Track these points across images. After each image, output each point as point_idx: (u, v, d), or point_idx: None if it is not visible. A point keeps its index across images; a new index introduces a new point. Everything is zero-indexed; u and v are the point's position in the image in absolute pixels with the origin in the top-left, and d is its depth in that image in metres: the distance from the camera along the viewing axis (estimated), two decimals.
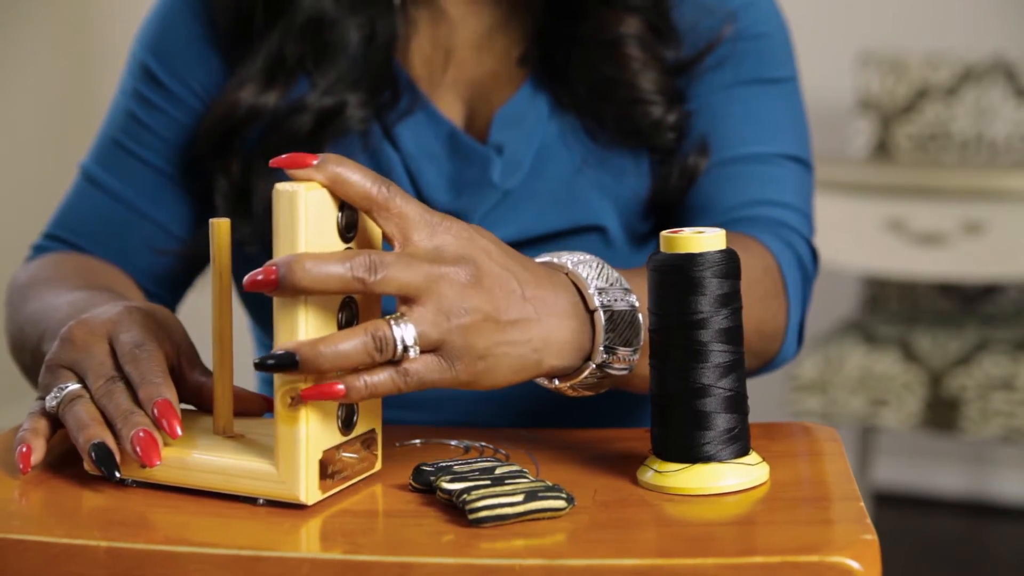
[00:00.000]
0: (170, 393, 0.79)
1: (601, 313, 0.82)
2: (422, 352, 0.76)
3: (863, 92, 2.89)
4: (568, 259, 0.84)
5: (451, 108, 1.12)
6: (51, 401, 0.82)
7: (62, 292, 1.01)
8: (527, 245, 1.09)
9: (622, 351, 0.83)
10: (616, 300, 0.83)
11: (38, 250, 1.15)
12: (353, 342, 0.74)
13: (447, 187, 1.09)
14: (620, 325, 0.83)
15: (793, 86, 1.15)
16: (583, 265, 0.84)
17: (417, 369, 0.76)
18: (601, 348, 0.82)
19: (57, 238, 1.14)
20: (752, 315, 0.97)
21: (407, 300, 0.76)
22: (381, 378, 0.76)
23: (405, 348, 0.75)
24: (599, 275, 0.83)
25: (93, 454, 0.78)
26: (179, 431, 0.78)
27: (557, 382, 0.84)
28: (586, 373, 0.83)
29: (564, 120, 1.11)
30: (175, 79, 1.13)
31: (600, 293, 0.82)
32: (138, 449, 0.77)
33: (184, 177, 1.13)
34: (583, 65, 1.10)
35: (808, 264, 1.09)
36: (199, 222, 1.14)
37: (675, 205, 1.12)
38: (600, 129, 1.10)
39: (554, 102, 1.11)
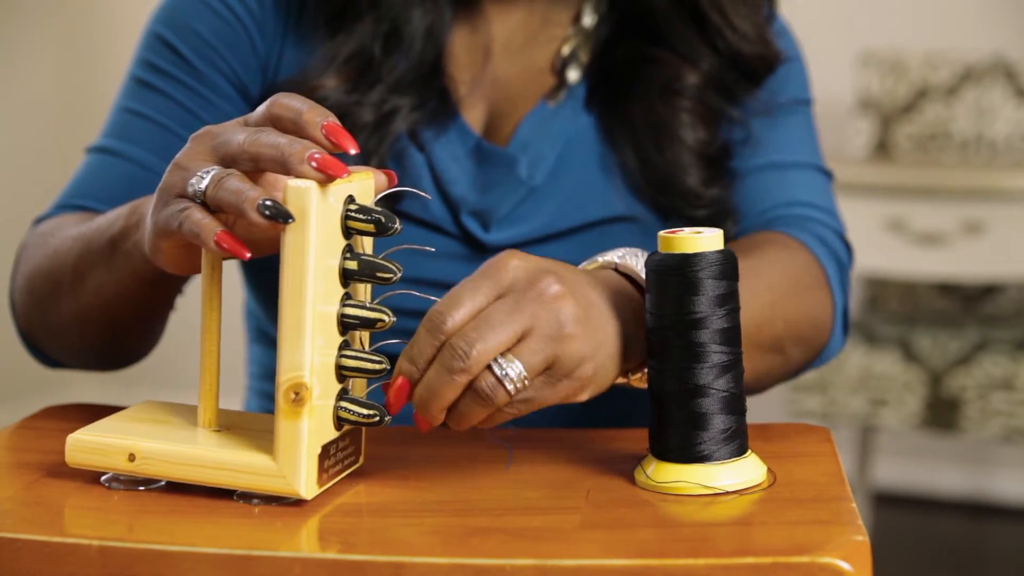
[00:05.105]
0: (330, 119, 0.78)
1: None
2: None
3: (863, 92, 2.89)
4: (613, 255, 0.86)
5: (476, 107, 1.11)
6: (196, 185, 0.77)
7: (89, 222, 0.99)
8: (554, 239, 1.10)
9: None
10: None
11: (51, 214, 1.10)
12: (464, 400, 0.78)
13: (472, 186, 1.09)
14: None
15: (811, 110, 1.19)
16: (629, 256, 0.86)
17: (530, 396, 0.79)
18: None
19: (71, 206, 1.09)
20: (803, 304, 1.02)
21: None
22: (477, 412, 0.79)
23: (515, 389, 0.78)
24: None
25: (267, 211, 0.74)
26: (354, 147, 0.77)
27: (630, 376, 0.86)
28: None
29: (593, 118, 1.11)
30: (197, 53, 1.09)
31: None
32: (324, 158, 0.75)
33: None
34: (636, 98, 1.11)
35: (843, 256, 1.12)
36: None
37: None
38: (636, 165, 1.11)
39: (586, 102, 1.12)
